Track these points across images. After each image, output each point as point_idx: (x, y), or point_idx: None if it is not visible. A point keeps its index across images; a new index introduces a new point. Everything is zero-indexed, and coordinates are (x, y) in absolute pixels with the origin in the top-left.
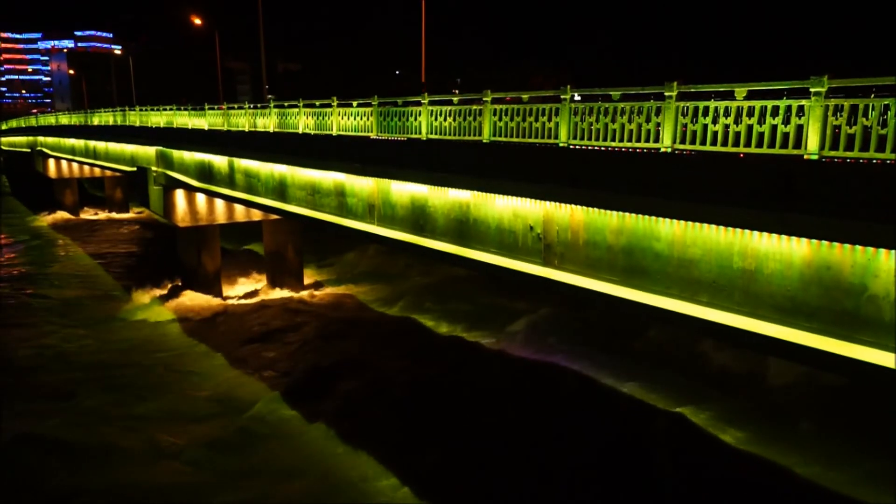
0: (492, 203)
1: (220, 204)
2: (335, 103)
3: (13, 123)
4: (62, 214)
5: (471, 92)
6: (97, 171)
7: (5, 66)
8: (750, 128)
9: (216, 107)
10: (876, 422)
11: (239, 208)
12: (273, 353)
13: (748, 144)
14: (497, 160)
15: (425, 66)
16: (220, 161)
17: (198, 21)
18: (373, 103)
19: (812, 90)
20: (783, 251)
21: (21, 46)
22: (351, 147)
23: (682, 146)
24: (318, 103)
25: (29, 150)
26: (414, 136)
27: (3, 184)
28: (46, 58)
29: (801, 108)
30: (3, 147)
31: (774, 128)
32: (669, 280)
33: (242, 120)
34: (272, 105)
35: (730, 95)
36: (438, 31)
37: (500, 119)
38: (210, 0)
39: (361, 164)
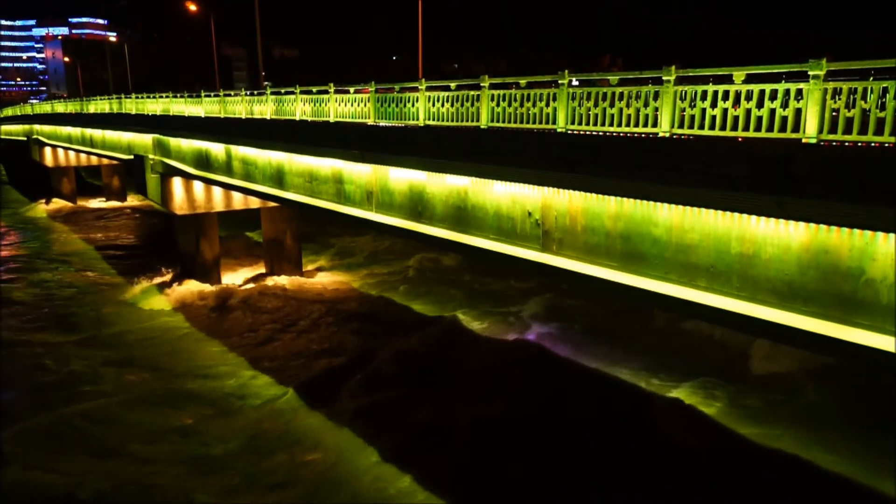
0: (490, 189)
1: (217, 192)
2: (332, 90)
3: (9, 111)
4: (60, 203)
5: (468, 77)
6: (94, 159)
7: (1, 55)
8: (748, 112)
9: (213, 94)
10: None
11: (237, 196)
12: (271, 340)
13: (747, 128)
14: (495, 146)
15: (422, 52)
16: (217, 149)
17: (193, 7)
18: (370, 89)
19: (811, 73)
20: (781, 235)
21: (15, 34)
22: (349, 134)
23: (680, 131)
24: (314, 90)
25: (25, 139)
26: (411, 122)
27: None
28: (41, 45)
29: (799, 92)
30: None
31: (773, 111)
32: (668, 265)
33: (239, 107)
34: (269, 92)
35: (728, 79)
36: (436, 16)
37: (498, 105)
38: None
39: (360, 151)
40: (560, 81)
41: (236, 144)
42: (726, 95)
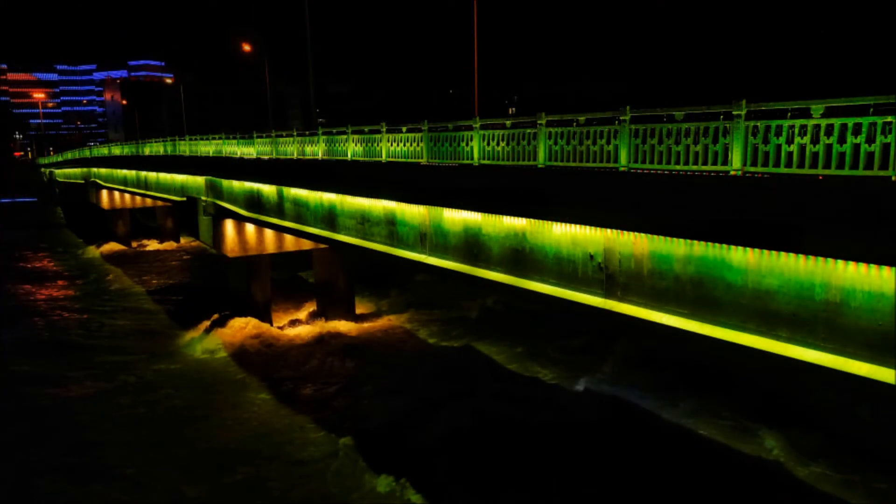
0: (549, 230)
1: (269, 233)
2: (384, 129)
3: (69, 155)
4: (114, 245)
5: (528, 109)
6: (149, 201)
7: (62, 98)
8: (829, 147)
9: (264, 134)
10: None
11: (289, 237)
12: (326, 389)
13: (827, 165)
14: (553, 185)
15: (479, 85)
16: (268, 190)
17: (247, 48)
18: (423, 128)
19: None
20: (872, 281)
21: (76, 78)
22: (401, 174)
23: (753, 168)
24: (366, 129)
25: (83, 182)
26: (466, 161)
27: (58, 216)
28: (101, 88)
29: (887, 126)
30: (59, 179)
31: (857, 147)
32: (744, 313)
33: (290, 148)
34: (320, 132)
35: (805, 113)
36: (493, 45)
37: (556, 143)
38: (260, 25)
39: (412, 192)
40: (622, 118)
41: (288, 185)
42: (804, 130)
